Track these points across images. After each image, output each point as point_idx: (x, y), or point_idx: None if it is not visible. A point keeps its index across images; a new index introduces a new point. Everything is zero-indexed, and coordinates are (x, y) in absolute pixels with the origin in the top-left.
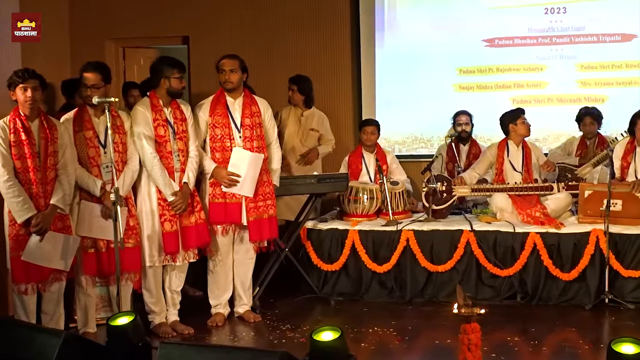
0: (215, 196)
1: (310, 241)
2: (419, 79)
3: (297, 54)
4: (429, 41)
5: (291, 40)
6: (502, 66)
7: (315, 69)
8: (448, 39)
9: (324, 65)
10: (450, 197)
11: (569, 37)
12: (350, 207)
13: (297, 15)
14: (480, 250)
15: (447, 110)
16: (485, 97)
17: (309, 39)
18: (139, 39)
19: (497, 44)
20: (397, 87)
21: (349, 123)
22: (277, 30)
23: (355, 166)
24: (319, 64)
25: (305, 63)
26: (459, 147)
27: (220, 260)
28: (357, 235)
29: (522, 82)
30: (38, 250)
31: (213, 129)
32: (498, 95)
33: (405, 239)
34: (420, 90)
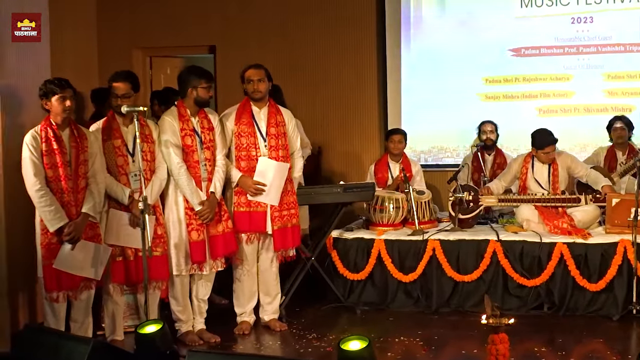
0: (239, 205)
1: (336, 250)
2: (444, 89)
3: (322, 63)
4: (455, 51)
5: (317, 49)
6: (529, 76)
7: (340, 77)
8: (475, 48)
9: (349, 74)
10: (476, 207)
11: (595, 47)
12: (376, 216)
13: (323, 24)
14: (506, 260)
15: (472, 119)
16: (511, 106)
17: (334, 47)
18: (165, 48)
19: (524, 54)
20: (423, 96)
21: (374, 131)
22: (302, 39)
23: (381, 175)
24: (345, 72)
25: (330, 71)
26: (484, 157)
27: (247, 270)
28: (383, 244)
29: (549, 92)
30: (70, 258)
31: (239, 137)
32: (524, 105)
33: (432, 248)
34: (445, 100)
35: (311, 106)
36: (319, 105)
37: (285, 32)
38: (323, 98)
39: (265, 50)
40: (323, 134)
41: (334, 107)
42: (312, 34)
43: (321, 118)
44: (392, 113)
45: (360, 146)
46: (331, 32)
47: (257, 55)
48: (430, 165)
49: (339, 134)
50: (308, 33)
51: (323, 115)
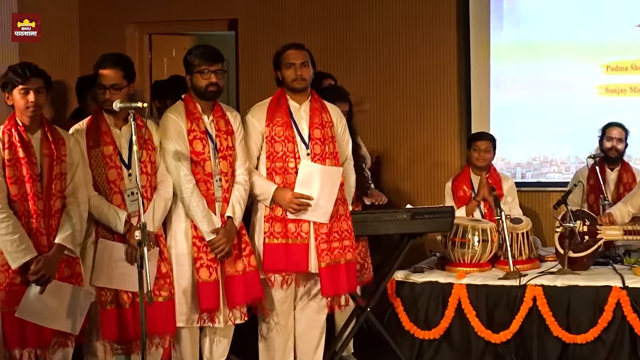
0: (273, 235)
1: (401, 298)
2: (549, 78)
3: (383, 47)
4: (562, 27)
5: (376, 27)
6: None
7: (407, 65)
8: (590, 23)
9: (420, 62)
10: (594, 242)
11: None
12: (455, 252)
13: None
14: (635, 315)
15: (588, 121)
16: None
17: (398, 24)
18: (170, 23)
19: None
20: (519, 89)
21: (453, 137)
22: (355, 15)
23: (462, 193)
24: (414, 59)
25: (392, 57)
26: (604, 172)
27: (277, 323)
28: (465, 291)
29: None
30: (38, 305)
31: (271, 143)
32: None
33: (532, 297)
34: (551, 94)
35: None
36: (377, 102)
37: (332, 4)
38: (382, 93)
39: (305, 29)
40: (383, 140)
41: (398, 105)
42: (370, 7)
43: (379, 119)
44: (478, 113)
45: (434, 157)
46: (396, 4)
47: (293, 34)
48: (529, 184)
49: (405, 141)
50: (364, 7)
51: (382, 116)
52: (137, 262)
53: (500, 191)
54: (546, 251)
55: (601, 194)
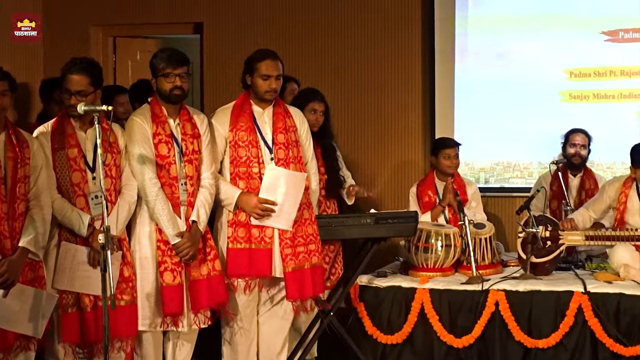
0: (236, 239)
1: (364, 303)
2: (513, 86)
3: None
4: (527, 32)
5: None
6: (629, 68)
7: (372, 69)
8: (555, 31)
9: (384, 65)
10: (556, 247)
11: None
12: (418, 257)
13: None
14: (596, 320)
15: (552, 127)
16: (604, 110)
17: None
18: (135, 26)
19: (623, 38)
20: (484, 94)
21: (416, 140)
22: (320, 19)
23: (427, 199)
24: (377, 60)
25: (359, 62)
26: (567, 178)
27: (241, 327)
28: (428, 296)
29: None
30: (1, 309)
31: (235, 148)
32: (623, 108)
33: (494, 302)
34: (514, 101)
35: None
36: (342, 108)
37: (301, 8)
38: (347, 96)
39: (273, 33)
40: (347, 145)
41: (362, 108)
42: (336, 11)
43: (343, 124)
44: (442, 117)
45: (398, 162)
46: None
47: (261, 38)
48: (492, 189)
49: (369, 146)
50: (330, 10)
51: (346, 121)
52: (101, 265)
53: (464, 196)
54: (509, 256)
55: (564, 200)
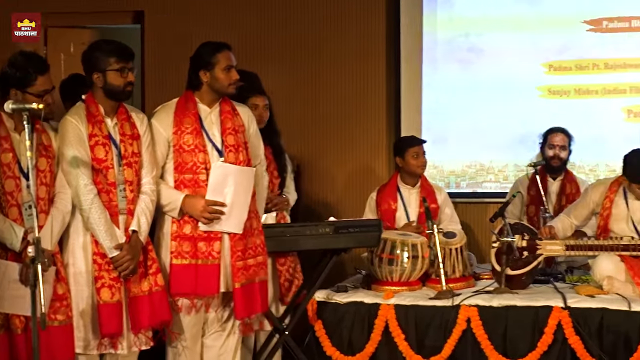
0: (181, 254)
1: (323, 320)
2: (486, 81)
3: (308, 44)
4: (501, 22)
5: (302, 22)
6: (613, 61)
7: (333, 63)
8: (532, 20)
9: (346, 58)
10: (533, 258)
11: None
12: (383, 269)
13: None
14: (578, 338)
15: (529, 125)
16: (586, 106)
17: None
18: (68, 15)
19: (606, 27)
20: (453, 91)
21: (380, 142)
22: (275, 13)
23: (386, 205)
24: (339, 58)
25: (318, 55)
26: (546, 182)
27: (186, 348)
28: (393, 312)
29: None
30: None
31: (180, 153)
32: (606, 104)
33: (466, 318)
34: (487, 98)
35: (287, 106)
36: (299, 104)
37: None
38: (305, 96)
39: (223, 23)
40: (304, 145)
41: (323, 109)
42: (294, 4)
43: (301, 123)
44: (408, 117)
45: (360, 166)
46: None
47: (209, 28)
48: (463, 194)
49: (328, 146)
50: (289, 3)
51: (303, 119)
52: (30, 281)
53: (433, 204)
54: (482, 268)
55: (542, 206)
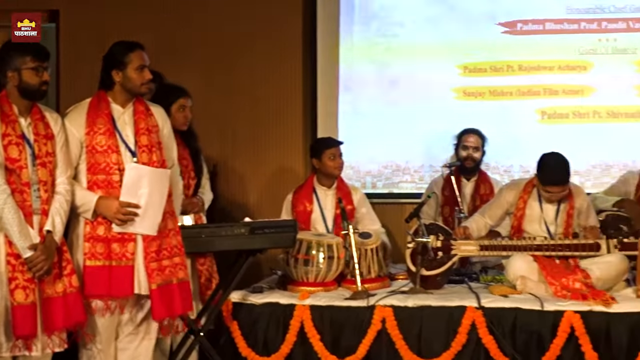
0: (94, 256)
1: (238, 322)
2: (401, 83)
3: (223, 42)
4: (417, 24)
5: (213, 24)
6: (527, 63)
7: (249, 66)
8: (447, 21)
9: (262, 62)
10: (448, 258)
11: (625, 22)
12: (298, 270)
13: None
14: (491, 337)
15: (444, 126)
16: (501, 107)
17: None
18: None
19: (521, 30)
20: (370, 92)
21: (297, 143)
22: (192, 12)
23: (302, 207)
24: (255, 59)
25: (235, 56)
26: (460, 183)
27: (101, 351)
28: (309, 313)
29: (556, 87)
30: None
31: (92, 154)
32: (520, 106)
33: (381, 319)
34: (404, 97)
35: (204, 105)
36: (216, 105)
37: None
38: (222, 95)
39: (138, 23)
40: (221, 146)
41: (239, 109)
42: (210, 5)
43: (218, 124)
44: (325, 118)
45: (276, 168)
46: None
47: (125, 28)
48: (379, 195)
49: (245, 148)
50: (205, 4)
51: (220, 120)
52: None
53: (350, 205)
54: (397, 269)
55: (457, 206)
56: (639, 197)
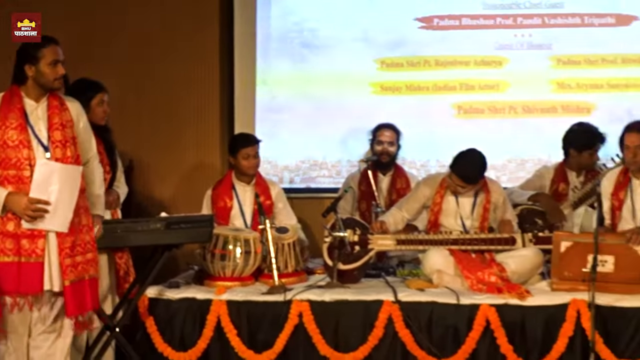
0: (3, 252)
1: (154, 317)
2: (318, 78)
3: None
4: (335, 19)
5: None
6: (443, 58)
7: (166, 60)
8: (364, 16)
9: (179, 57)
10: (365, 252)
11: (540, 18)
12: (215, 265)
13: None
14: (408, 331)
15: (361, 122)
16: (417, 102)
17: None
18: None
19: (437, 25)
20: (287, 86)
21: (213, 139)
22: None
23: (222, 203)
24: (172, 53)
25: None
26: (377, 177)
27: (14, 348)
28: (225, 308)
29: (472, 82)
30: None
31: (3, 149)
32: (436, 101)
33: (298, 313)
34: (322, 92)
35: (120, 101)
36: (132, 100)
37: None
38: (138, 90)
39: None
40: (136, 140)
41: (155, 103)
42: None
43: (134, 119)
44: (242, 112)
45: (193, 162)
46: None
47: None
48: (297, 190)
49: (160, 142)
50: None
51: (133, 113)
52: None
53: (268, 200)
54: (315, 263)
55: (373, 201)
56: (554, 191)
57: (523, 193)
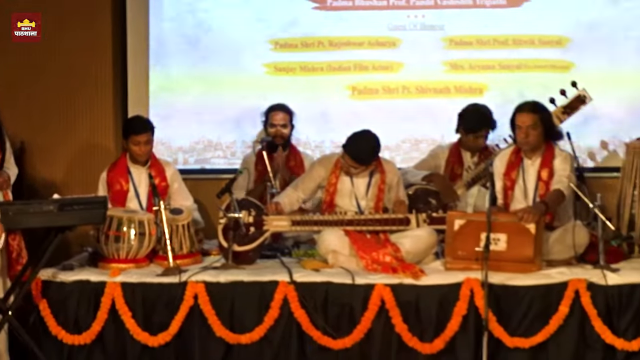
0: None
1: (48, 300)
2: (212, 59)
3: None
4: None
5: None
6: (337, 39)
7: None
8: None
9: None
10: (260, 233)
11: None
12: (109, 247)
13: None
14: (303, 311)
15: (256, 102)
16: (312, 83)
17: None
18: None
19: (331, 6)
20: (181, 66)
21: (107, 120)
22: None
23: (118, 186)
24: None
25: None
26: (272, 157)
27: None
28: (120, 290)
29: (366, 63)
30: None
31: None
32: (331, 81)
33: (193, 295)
34: (214, 75)
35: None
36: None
37: None
38: (29, 77)
39: None
40: (27, 121)
41: (46, 83)
42: None
43: (25, 99)
44: (135, 93)
45: (87, 144)
46: None
47: None
48: (192, 170)
49: (53, 123)
50: None
51: (27, 96)
52: None
53: (164, 182)
54: (210, 244)
55: (268, 182)
56: (449, 171)
57: (417, 173)
